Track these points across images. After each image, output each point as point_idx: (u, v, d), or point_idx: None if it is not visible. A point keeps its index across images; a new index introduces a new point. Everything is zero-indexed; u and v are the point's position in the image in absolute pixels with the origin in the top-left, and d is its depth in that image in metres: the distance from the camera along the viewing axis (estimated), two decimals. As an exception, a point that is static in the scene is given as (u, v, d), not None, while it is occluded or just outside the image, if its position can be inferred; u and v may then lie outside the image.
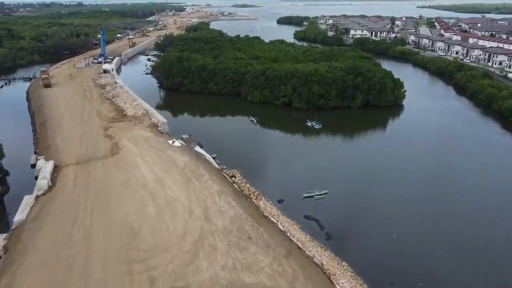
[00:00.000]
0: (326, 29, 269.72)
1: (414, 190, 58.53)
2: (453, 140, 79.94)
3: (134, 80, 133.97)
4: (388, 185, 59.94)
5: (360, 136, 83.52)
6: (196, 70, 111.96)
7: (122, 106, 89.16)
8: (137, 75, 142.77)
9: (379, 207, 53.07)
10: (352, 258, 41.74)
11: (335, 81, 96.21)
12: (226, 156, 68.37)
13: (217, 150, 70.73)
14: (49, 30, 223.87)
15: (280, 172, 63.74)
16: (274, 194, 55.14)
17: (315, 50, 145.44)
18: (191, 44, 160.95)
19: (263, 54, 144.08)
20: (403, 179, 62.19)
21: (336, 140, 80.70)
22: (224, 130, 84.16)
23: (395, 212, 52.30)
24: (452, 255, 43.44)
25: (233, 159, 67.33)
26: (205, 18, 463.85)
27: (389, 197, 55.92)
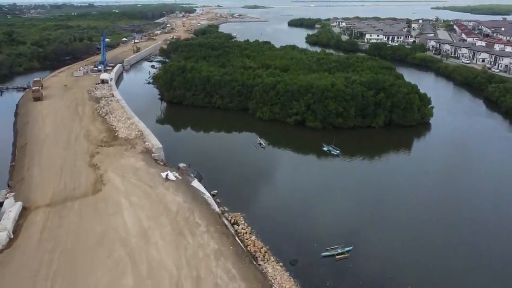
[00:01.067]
0: (339, 32, 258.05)
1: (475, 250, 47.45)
2: (493, 169, 68.42)
3: (135, 90, 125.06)
4: (431, 233, 48.96)
5: (386, 165, 72.24)
6: (200, 82, 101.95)
7: (114, 125, 79.49)
8: (138, 84, 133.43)
9: (421, 270, 42.23)
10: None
11: (354, 97, 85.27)
12: (229, 192, 58.19)
13: (218, 183, 60.62)
14: (51, 34, 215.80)
15: (292, 216, 53.06)
16: (285, 251, 44.66)
17: (330, 58, 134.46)
18: (196, 51, 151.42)
19: (273, 62, 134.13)
20: (446, 223, 51.19)
21: (358, 170, 69.45)
22: (228, 155, 73.74)
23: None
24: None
25: (236, 196, 57.10)
26: (214, 20, 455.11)
27: (434, 251, 45.00)
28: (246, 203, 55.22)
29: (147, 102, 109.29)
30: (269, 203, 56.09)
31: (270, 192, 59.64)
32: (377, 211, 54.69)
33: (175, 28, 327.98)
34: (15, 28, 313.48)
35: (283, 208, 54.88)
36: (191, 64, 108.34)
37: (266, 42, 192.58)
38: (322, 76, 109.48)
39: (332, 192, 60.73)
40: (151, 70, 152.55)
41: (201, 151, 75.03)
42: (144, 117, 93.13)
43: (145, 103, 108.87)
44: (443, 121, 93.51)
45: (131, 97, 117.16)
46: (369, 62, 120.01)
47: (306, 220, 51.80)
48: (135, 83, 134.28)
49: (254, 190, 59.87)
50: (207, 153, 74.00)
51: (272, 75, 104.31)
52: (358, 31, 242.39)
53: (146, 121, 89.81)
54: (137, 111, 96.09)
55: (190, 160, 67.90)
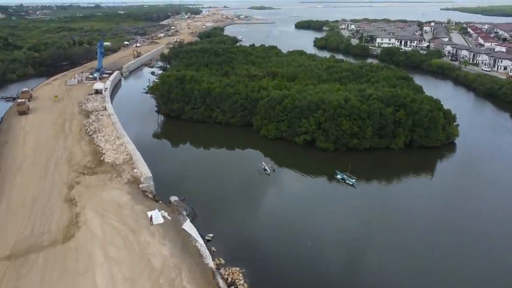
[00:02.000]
0: (349, 36, 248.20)
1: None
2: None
3: (132, 100, 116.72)
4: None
5: (408, 196, 62.85)
6: (199, 95, 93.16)
7: (101, 146, 70.92)
8: (136, 93, 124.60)
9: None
10: None
11: (371, 115, 75.91)
12: (227, 235, 49.30)
13: (215, 223, 51.79)
14: (52, 37, 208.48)
15: (303, 271, 43.90)
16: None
17: (341, 66, 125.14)
18: (198, 57, 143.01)
19: (280, 70, 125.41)
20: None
21: (377, 205, 60.09)
22: (228, 183, 64.76)
23: None
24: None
25: (235, 242, 48.20)
26: (220, 22, 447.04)
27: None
28: (246, 251, 46.25)
29: (143, 115, 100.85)
30: (273, 251, 46.95)
31: (274, 235, 50.42)
32: (402, 259, 45.37)
33: (179, 30, 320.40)
34: (17, 31, 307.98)
35: (291, 258, 45.73)
36: (191, 75, 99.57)
37: (273, 46, 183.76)
38: (333, 87, 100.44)
39: (348, 231, 51.38)
40: (151, 77, 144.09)
41: (197, 178, 66.20)
42: (138, 133, 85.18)
43: (140, 116, 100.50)
44: (469, 139, 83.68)
45: (127, 108, 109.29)
46: (384, 72, 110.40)
47: (318, 271, 42.63)
48: (133, 92, 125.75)
49: (256, 233, 50.77)
50: (204, 180, 65.09)
51: (278, 87, 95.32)
52: (368, 35, 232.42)
53: (140, 137, 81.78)
54: (131, 126, 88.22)
55: (184, 189, 59.39)
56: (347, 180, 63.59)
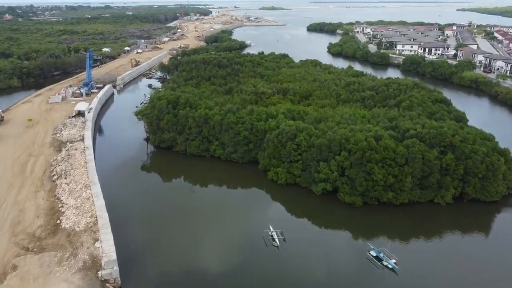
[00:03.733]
0: (366, 42, 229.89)
1: None
2: None
3: (121, 122, 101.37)
4: None
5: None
6: (195, 123, 76.90)
7: (63, 201, 55.12)
8: (128, 112, 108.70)
9: None
10: None
11: (410, 160, 58.77)
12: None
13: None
14: (49, 43, 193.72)
15: None
16: None
17: (362, 82, 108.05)
18: (200, 69, 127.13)
19: (292, 86, 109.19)
20: None
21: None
22: (223, 262, 48.19)
23: None
24: None
25: None
26: (229, 24, 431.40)
27: None
28: None
29: (129, 145, 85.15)
30: None
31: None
32: None
33: (185, 34, 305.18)
34: (17, 34, 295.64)
35: None
36: (185, 98, 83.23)
37: (284, 55, 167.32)
38: (356, 112, 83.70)
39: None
40: (148, 91, 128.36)
41: (184, 251, 49.75)
42: (116, 173, 69.54)
43: (126, 145, 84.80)
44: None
45: (112, 134, 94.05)
46: (416, 93, 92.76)
47: None
48: (124, 111, 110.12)
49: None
50: (194, 257, 48.68)
51: (290, 113, 78.48)
52: (388, 41, 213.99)
53: (117, 181, 66.26)
54: (110, 162, 73.13)
55: (165, 271, 43.28)
56: (385, 261, 46.57)
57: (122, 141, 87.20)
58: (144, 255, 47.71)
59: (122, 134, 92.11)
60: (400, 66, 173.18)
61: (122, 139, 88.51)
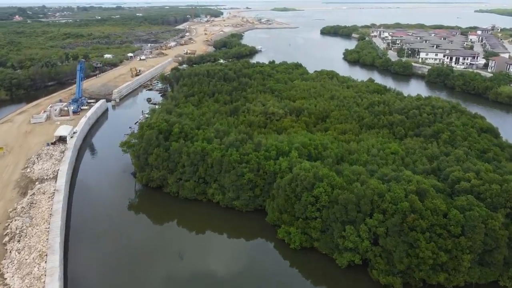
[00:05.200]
0: (385, 48, 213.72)
1: None
2: None
3: (111, 146, 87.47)
4: None
5: None
6: (189, 161, 63.19)
7: (7, 280, 41.86)
8: (121, 133, 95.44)
9: None
10: None
11: (469, 229, 44.05)
12: None
13: None
14: (52, 48, 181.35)
15: None
16: None
17: (388, 101, 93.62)
18: (203, 84, 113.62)
19: (306, 105, 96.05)
20: None
21: None
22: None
23: None
24: None
25: None
26: (239, 26, 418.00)
27: None
28: None
29: (115, 179, 72.15)
30: None
31: None
32: None
33: (193, 38, 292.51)
34: (22, 37, 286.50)
35: None
36: (179, 127, 69.42)
37: (297, 65, 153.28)
38: (384, 144, 69.37)
39: None
40: (146, 107, 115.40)
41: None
42: (96, 221, 56.24)
43: (111, 181, 71.82)
44: None
45: (98, 163, 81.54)
46: (455, 119, 77.52)
47: None
48: (117, 132, 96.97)
49: None
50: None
51: (305, 147, 64.24)
52: (409, 48, 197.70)
53: (91, 234, 52.90)
54: (86, 209, 59.71)
55: None
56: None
57: (107, 176, 73.85)
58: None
59: (109, 164, 78.78)
60: (425, 77, 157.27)
61: (107, 173, 75.16)
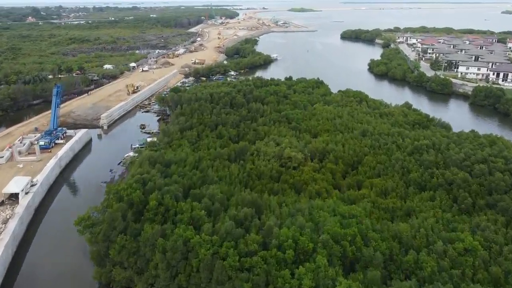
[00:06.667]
0: (416, 60, 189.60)
1: None
2: None
3: (81, 204, 67.86)
4: None
5: None
6: (165, 262, 42.78)
7: None
8: (99, 179, 76.57)
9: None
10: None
11: None
12: None
13: None
14: (28, 66, 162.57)
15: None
16: None
17: (440, 143, 72.15)
18: (205, 111, 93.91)
19: (332, 145, 76.76)
20: None
21: None
22: None
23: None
24: None
25: None
26: (255, 29, 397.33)
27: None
28: None
29: (68, 269, 51.98)
30: None
31: None
32: None
33: (204, 44, 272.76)
34: (25, 42, 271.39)
35: None
36: (157, 198, 49.13)
37: (317, 82, 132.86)
38: (450, 223, 48.21)
39: None
40: (138, 138, 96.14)
41: None
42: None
43: (66, 272, 51.65)
44: None
45: (55, 238, 60.62)
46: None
47: None
48: (97, 176, 77.67)
49: None
50: None
51: (335, 234, 43.23)
52: (446, 60, 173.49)
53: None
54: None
55: None
56: None
57: (63, 266, 53.61)
58: None
59: (71, 242, 57.87)
60: (468, 98, 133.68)
61: (64, 261, 54.65)
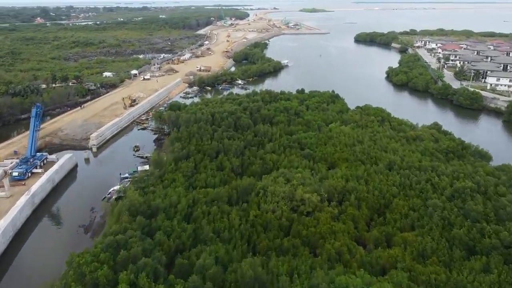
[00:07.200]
0: (440, 70, 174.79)
1: None
2: None
3: (55, 263, 56.62)
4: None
5: None
6: None
7: None
8: (78, 221, 65.34)
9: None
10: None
11: None
12: None
13: None
14: (20, 74, 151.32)
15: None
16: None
17: (486, 185, 59.26)
18: (205, 135, 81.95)
19: (355, 182, 63.90)
20: None
21: None
22: None
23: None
24: None
25: None
26: (265, 31, 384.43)
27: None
28: None
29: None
30: None
31: None
32: None
33: (212, 48, 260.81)
34: (28, 46, 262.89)
35: None
36: (128, 279, 37.12)
37: (333, 96, 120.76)
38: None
39: None
40: (130, 164, 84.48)
41: None
42: None
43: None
44: None
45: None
46: None
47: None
48: (77, 218, 66.17)
49: None
50: None
51: None
52: (473, 69, 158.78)
53: None
54: None
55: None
56: None
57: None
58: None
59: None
60: (501, 115, 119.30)
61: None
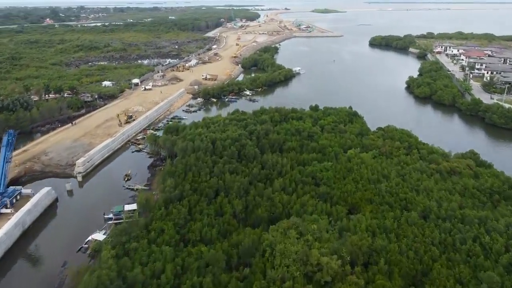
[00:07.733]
0: (465, 79, 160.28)
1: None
2: None
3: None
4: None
5: None
6: None
7: None
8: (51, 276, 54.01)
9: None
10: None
11: None
12: None
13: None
14: (7, 87, 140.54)
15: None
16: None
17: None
18: (203, 168, 70.12)
19: (384, 239, 52.51)
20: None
21: None
22: None
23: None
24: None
25: None
26: (275, 34, 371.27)
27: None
28: None
29: None
30: None
31: None
32: None
33: (219, 53, 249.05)
34: (31, 49, 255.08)
35: None
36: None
37: (350, 114, 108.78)
38: None
39: None
40: (115, 202, 73.19)
41: None
42: None
43: None
44: None
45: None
46: None
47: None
48: (44, 276, 55.09)
49: None
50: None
51: None
52: (504, 81, 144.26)
53: None
54: None
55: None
56: None
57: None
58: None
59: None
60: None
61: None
